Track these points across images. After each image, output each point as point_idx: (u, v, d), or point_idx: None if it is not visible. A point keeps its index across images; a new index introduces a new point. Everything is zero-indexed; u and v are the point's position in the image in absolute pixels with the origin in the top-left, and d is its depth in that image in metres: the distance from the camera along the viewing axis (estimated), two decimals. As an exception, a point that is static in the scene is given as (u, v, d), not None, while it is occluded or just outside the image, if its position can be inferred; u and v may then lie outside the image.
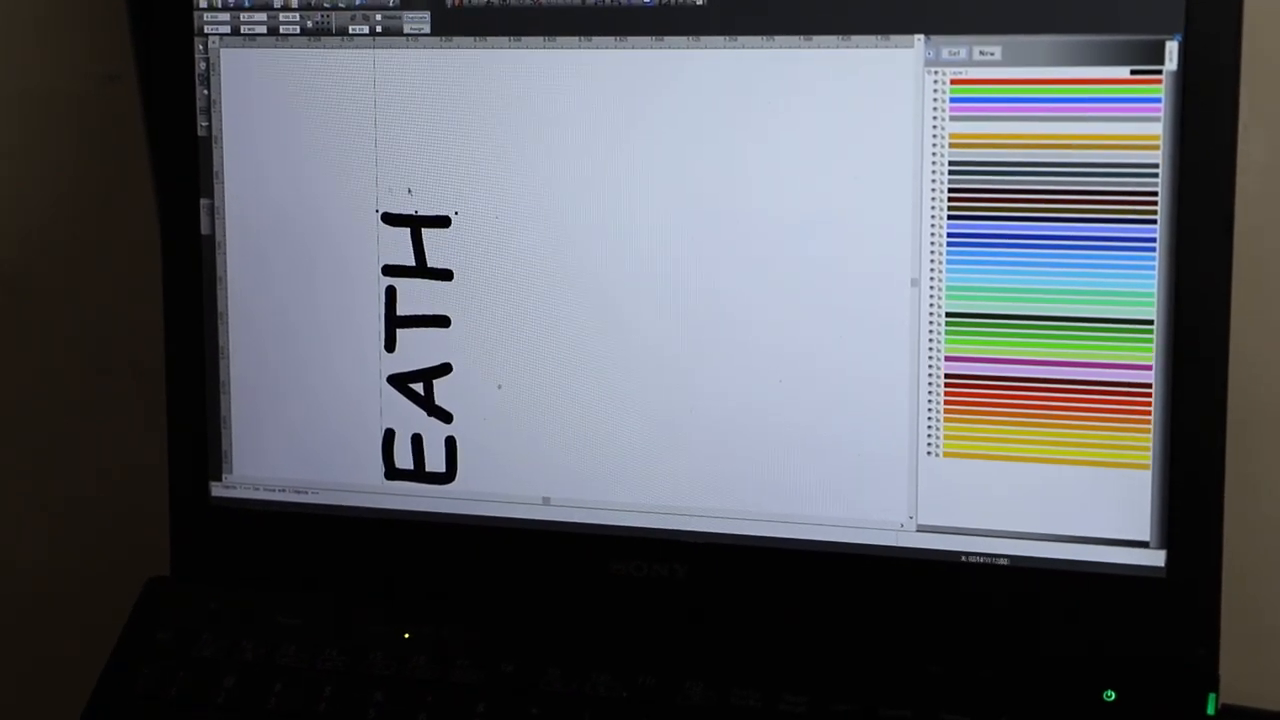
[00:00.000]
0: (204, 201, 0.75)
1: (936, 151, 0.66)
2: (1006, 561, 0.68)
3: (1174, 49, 0.64)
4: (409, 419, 0.73)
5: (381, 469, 0.74)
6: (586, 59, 0.70)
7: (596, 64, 0.69)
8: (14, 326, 0.87)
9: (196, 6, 0.74)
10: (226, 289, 0.75)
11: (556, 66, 0.70)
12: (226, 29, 0.74)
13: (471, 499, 0.73)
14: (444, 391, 0.73)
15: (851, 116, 0.67)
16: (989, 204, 0.66)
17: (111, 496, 0.87)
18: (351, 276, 0.73)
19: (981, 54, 0.66)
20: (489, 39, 0.70)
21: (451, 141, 0.71)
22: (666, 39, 0.69)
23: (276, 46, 0.73)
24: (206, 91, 0.74)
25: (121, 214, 0.85)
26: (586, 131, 0.70)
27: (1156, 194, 0.64)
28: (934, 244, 0.67)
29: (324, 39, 0.72)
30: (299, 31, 0.73)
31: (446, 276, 0.72)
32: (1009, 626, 0.67)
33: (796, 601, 0.69)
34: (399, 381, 0.73)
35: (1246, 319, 0.66)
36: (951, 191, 0.66)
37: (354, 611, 0.73)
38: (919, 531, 0.68)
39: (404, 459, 0.74)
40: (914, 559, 0.68)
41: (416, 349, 0.73)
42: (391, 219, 0.72)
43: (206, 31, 0.74)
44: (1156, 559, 0.66)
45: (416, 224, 0.72)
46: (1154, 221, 0.64)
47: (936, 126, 0.66)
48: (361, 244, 0.73)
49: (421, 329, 0.73)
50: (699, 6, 0.68)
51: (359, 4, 0.72)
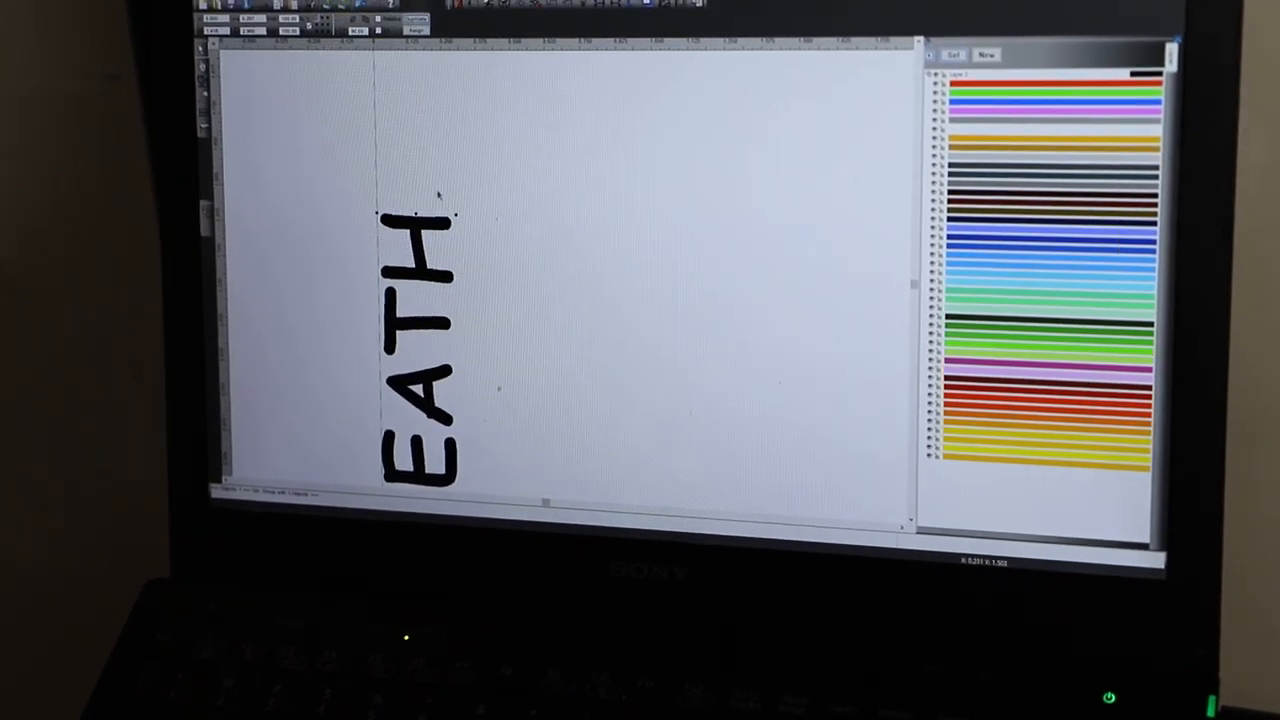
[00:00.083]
0: (204, 203, 0.75)
1: (936, 153, 0.66)
2: (1006, 563, 0.67)
3: (1174, 51, 0.64)
4: (409, 421, 0.73)
5: (381, 471, 0.74)
6: (586, 60, 0.69)
7: (596, 65, 0.69)
8: (14, 327, 0.87)
9: (196, 8, 0.74)
10: (226, 290, 0.75)
11: (556, 68, 0.70)
12: (226, 30, 0.74)
13: (471, 501, 0.73)
14: (444, 393, 0.73)
15: (851, 118, 0.67)
16: (989, 206, 0.66)
17: (111, 498, 0.87)
18: (351, 278, 0.73)
19: (981, 56, 0.66)
20: (489, 40, 0.70)
21: (451, 143, 0.71)
22: (666, 40, 0.69)
23: (276, 48, 0.73)
24: (206, 93, 0.74)
25: (121, 215, 0.85)
26: (586, 133, 0.70)
27: (1156, 196, 0.64)
28: (934, 246, 0.67)
29: (324, 40, 0.72)
30: (299, 33, 0.73)
31: (446, 278, 0.72)
32: (1009, 628, 0.67)
33: (796, 603, 0.69)
34: (399, 383, 0.73)
35: (1246, 320, 0.66)
36: (951, 193, 0.66)
37: (353, 613, 0.73)
38: (919, 533, 0.68)
39: (404, 461, 0.74)
40: (914, 561, 0.68)
41: (416, 351, 0.73)
42: (391, 221, 0.72)
43: (206, 33, 0.74)
44: (1156, 561, 0.66)
45: (416, 225, 0.72)
46: (1154, 223, 0.64)
47: (936, 128, 0.66)
48: (361, 246, 0.73)
49: (421, 331, 0.73)
50: (698, 8, 0.68)
51: (359, 5, 0.72)
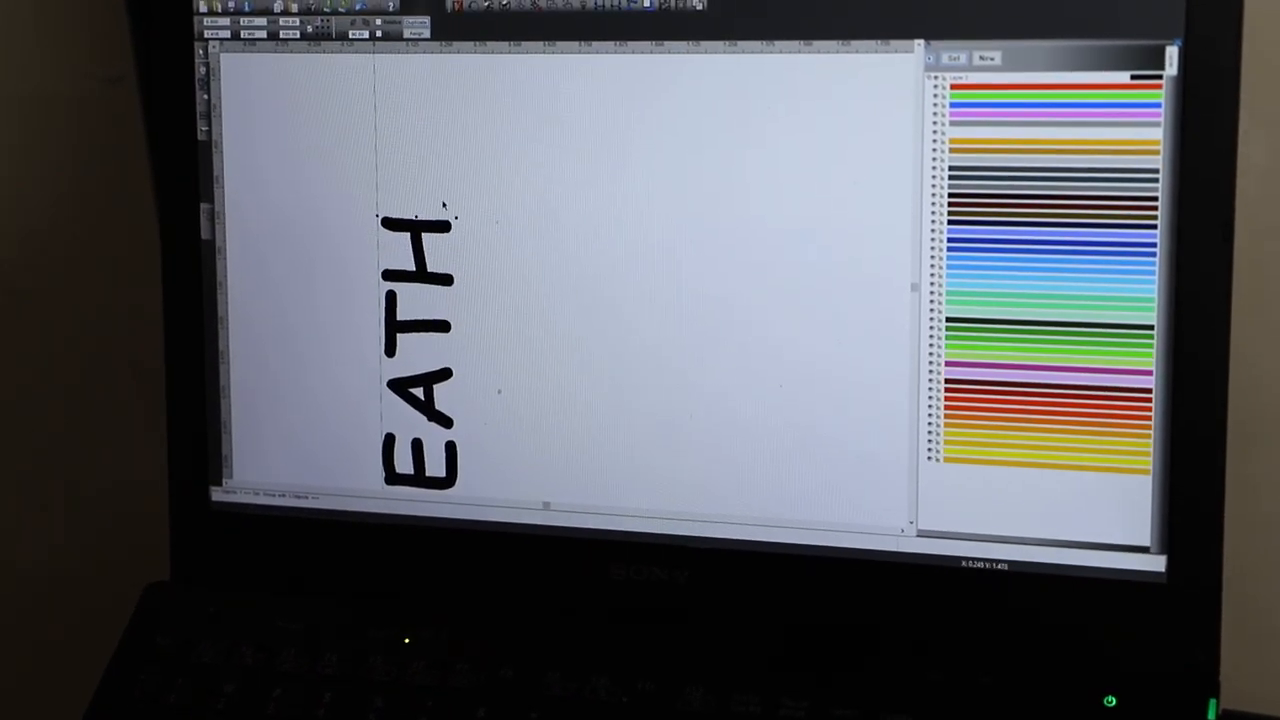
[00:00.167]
0: (204, 206, 0.75)
1: (937, 156, 0.66)
2: (1006, 567, 0.67)
3: (1174, 54, 0.64)
4: (409, 424, 0.73)
5: (382, 474, 0.74)
6: (586, 63, 0.69)
7: (596, 68, 0.69)
8: (14, 330, 0.87)
9: (196, 11, 0.74)
10: (227, 294, 0.75)
11: (556, 71, 0.70)
12: (226, 34, 0.74)
13: (472, 504, 0.73)
14: (444, 396, 0.73)
15: (852, 121, 0.67)
16: (989, 209, 0.66)
17: (111, 501, 0.87)
18: (352, 281, 0.73)
19: (982, 59, 0.66)
20: (489, 44, 0.70)
21: (452, 146, 0.71)
22: (666, 44, 0.69)
23: (276, 51, 0.73)
24: (206, 96, 0.74)
25: (122, 218, 0.85)
26: (586, 136, 0.70)
27: (1157, 199, 0.64)
28: (934, 249, 0.67)
29: (324, 44, 0.72)
30: (299, 36, 0.73)
31: (447, 281, 0.72)
32: (1009, 632, 0.67)
33: (796, 607, 0.69)
34: (399, 386, 0.73)
35: (1247, 321, 0.66)
36: (952, 196, 0.66)
37: (354, 616, 0.73)
38: (919, 536, 0.68)
39: (404, 464, 0.74)
40: (914, 564, 0.68)
41: (417, 354, 0.73)
42: (392, 224, 0.72)
43: (206, 36, 0.74)
44: (1157, 564, 0.66)
45: (417, 229, 0.72)
46: (1154, 226, 0.64)
47: (937, 131, 0.66)
48: (362, 249, 0.73)
49: (422, 334, 0.73)
50: (699, 11, 0.68)
51: (359, 8, 0.72)
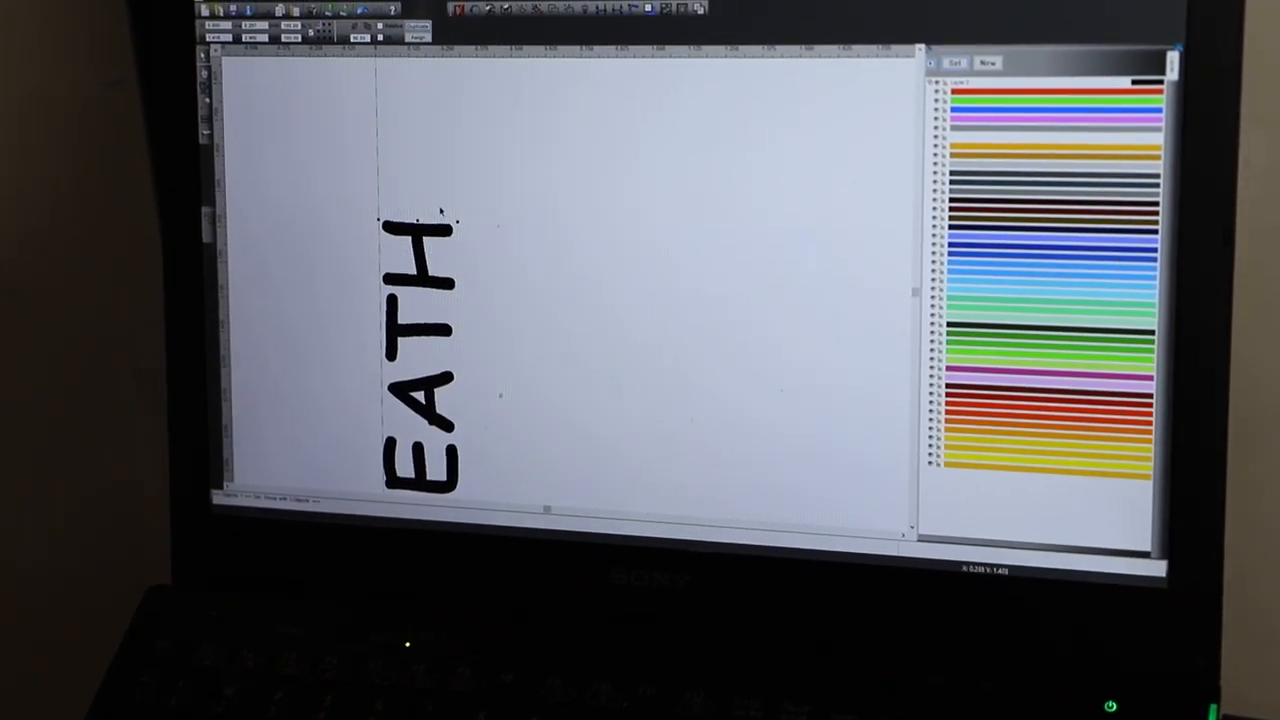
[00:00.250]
0: (205, 209, 0.75)
1: (938, 161, 0.66)
2: (1007, 571, 0.67)
3: (1175, 59, 0.64)
4: (410, 427, 0.73)
5: (383, 477, 0.74)
6: (588, 67, 0.69)
7: (598, 72, 0.69)
8: (14, 333, 0.87)
9: (198, 15, 0.74)
10: (228, 297, 0.75)
11: (558, 75, 0.70)
12: (228, 37, 0.74)
13: (473, 508, 0.73)
14: (445, 400, 0.73)
15: (852, 126, 0.67)
16: (990, 214, 0.66)
17: (112, 504, 0.87)
18: (353, 285, 0.73)
19: (983, 64, 0.66)
20: (490, 48, 0.70)
21: (453, 150, 0.71)
22: (668, 48, 0.69)
23: (278, 55, 0.73)
24: (208, 100, 0.74)
25: (123, 221, 0.85)
26: (588, 140, 0.70)
27: (1158, 204, 0.64)
28: (935, 254, 0.67)
29: (326, 48, 0.72)
30: (300, 40, 0.73)
31: (448, 285, 0.72)
32: (1010, 637, 0.67)
33: (797, 611, 0.69)
34: (400, 390, 0.73)
35: (1248, 324, 0.66)
36: (953, 201, 0.66)
37: (355, 620, 0.73)
38: (920, 541, 0.68)
39: (405, 467, 0.74)
40: (915, 569, 0.68)
41: (418, 357, 0.73)
42: (393, 227, 0.72)
43: (208, 40, 0.74)
44: (1158, 569, 0.66)
45: (418, 232, 0.72)
46: (1155, 232, 0.64)
47: (938, 136, 0.66)
48: (363, 252, 0.73)
49: (423, 337, 0.73)
50: (700, 15, 0.68)
51: (361, 12, 0.72)
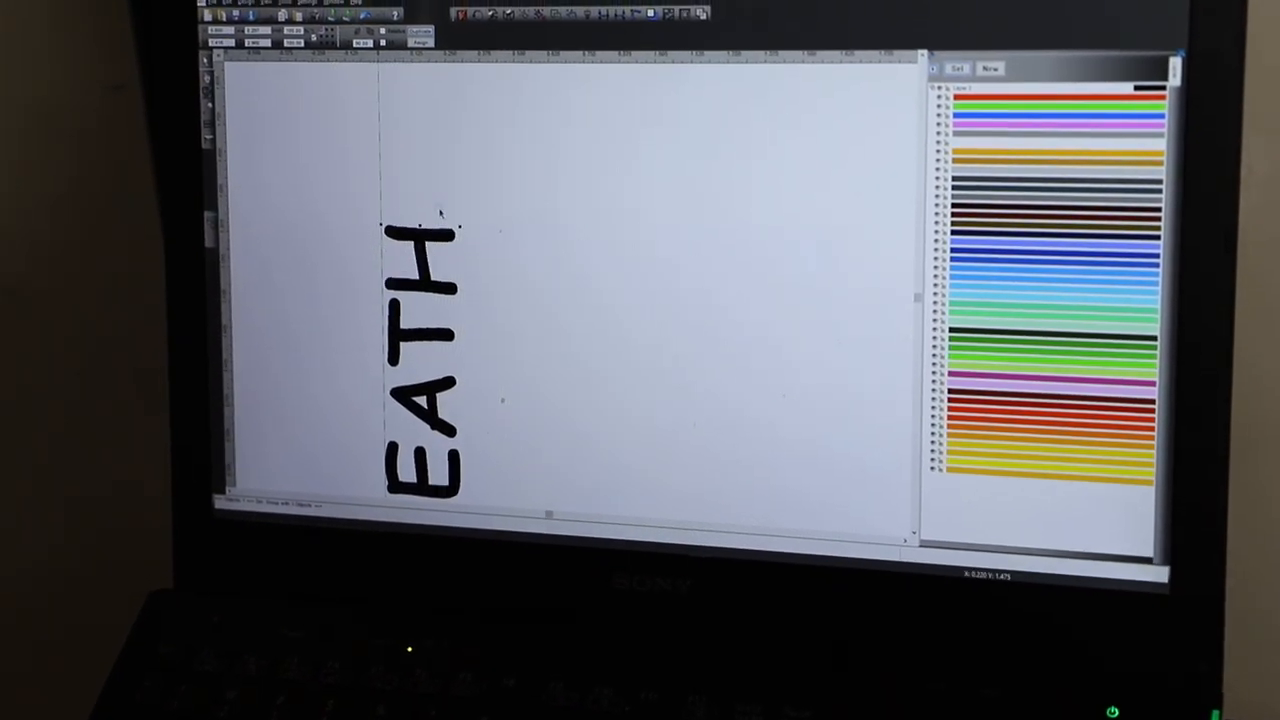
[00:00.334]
0: (208, 214, 0.75)
1: (940, 166, 0.66)
2: (1009, 577, 0.67)
3: (1178, 64, 0.64)
4: (412, 432, 0.73)
5: (385, 482, 0.74)
6: (590, 73, 0.70)
7: (600, 77, 0.69)
8: (16, 337, 0.87)
9: (201, 20, 0.74)
10: (230, 302, 0.75)
11: (560, 80, 0.70)
12: (231, 42, 0.74)
13: (474, 512, 0.73)
14: (447, 405, 0.73)
15: (855, 131, 0.67)
16: (992, 219, 0.66)
17: (114, 508, 0.87)
18: (355, 289, 0.73)
19: (985, 69, 0.66)
20: (493, 53, 0.70)
21: (456, 155, 0.71)
22: (670, 53, 0.69)
23: (281, 60, 0.73)
24: (211, 104, 0.74)
25: (125, 226, 0.85)
26: (590, 145, 0.70)
27: (1160, 209, 0.64)
28: (937, 259, 0.67)
29: (328, 53, 0.72)
30: (303, 45, 0.73)
31: (450, 290, 0.72)
32: (1012, 642, 0.67)
33: (799, 616, 0.69)
34: (402, 395, 0.73)
35: (1250, 330, 0.66)
36: (955, 206, 0.66)
37: (356, 624, 0.73)
38: (922, 546, 0.68)
39: (407, 472, 0.74)
40: (917, 574, 0.68)
41: (420, 362, 0.73)
42: (395, 232, 0.72)
43: (211, 45, 0.74)
44: (1160, 575, 0.66)
45: (420, 237, 0.72)
46: (1157, 237, 0.64)
47: (940, 141, 0.66)
48: (365, 257, 0.73)
49: (425, 342, 0.73)
50: (703, 21, 0.68)
51: (363, 18, 0.72)
